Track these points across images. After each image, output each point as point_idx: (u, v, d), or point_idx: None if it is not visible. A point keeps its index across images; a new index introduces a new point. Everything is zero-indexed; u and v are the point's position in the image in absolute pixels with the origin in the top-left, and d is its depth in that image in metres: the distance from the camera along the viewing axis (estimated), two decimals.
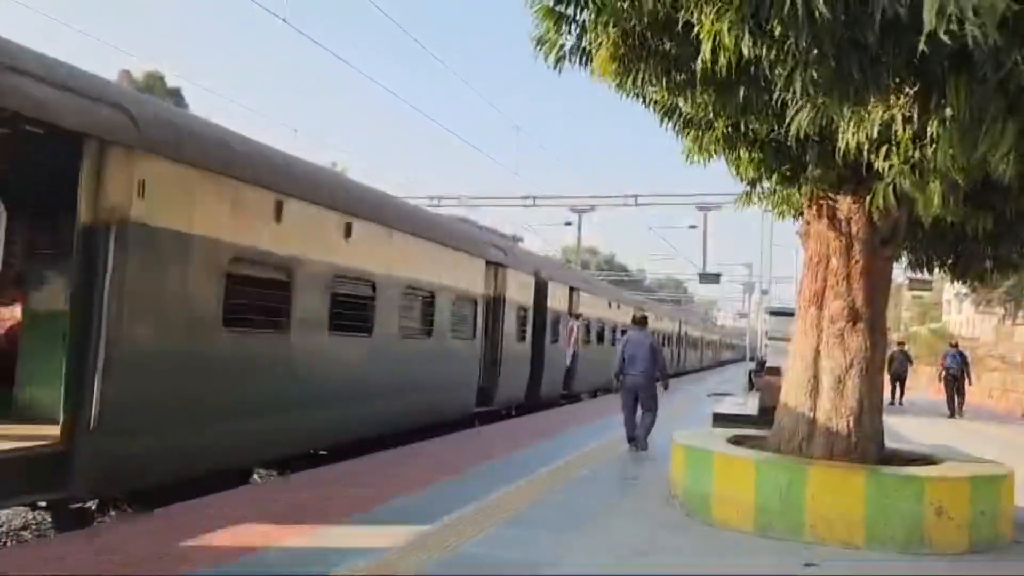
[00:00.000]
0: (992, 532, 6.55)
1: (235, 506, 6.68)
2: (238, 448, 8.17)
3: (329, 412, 9.61)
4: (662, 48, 5.63)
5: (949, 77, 4.60)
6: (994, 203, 6.50)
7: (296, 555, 5.30)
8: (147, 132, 6.82)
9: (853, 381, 7.10)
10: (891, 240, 7.37)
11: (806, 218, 7.71)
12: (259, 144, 9.07)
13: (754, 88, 5.65)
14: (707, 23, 4.67)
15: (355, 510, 6.60)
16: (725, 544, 6.28)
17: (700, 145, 7.10)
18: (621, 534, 6.40)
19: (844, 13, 4.24)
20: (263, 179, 8.49)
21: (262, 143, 9.18)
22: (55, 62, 6.43)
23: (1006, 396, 25.10)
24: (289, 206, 8.73)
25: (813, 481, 6.50)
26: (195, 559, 5.04)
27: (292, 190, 8.90)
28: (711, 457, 7.11)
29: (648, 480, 8.74)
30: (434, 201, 29.58)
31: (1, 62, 5.72)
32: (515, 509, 6.97)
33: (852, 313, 7.16)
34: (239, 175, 8.07)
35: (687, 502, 7.21)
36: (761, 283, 37.39)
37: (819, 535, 6.34)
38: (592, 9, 5.41)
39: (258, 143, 9.07)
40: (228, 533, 5.72)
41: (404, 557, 5.32)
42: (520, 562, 5.43)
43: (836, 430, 7.06)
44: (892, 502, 6.29)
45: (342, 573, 4.95)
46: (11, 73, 5.76)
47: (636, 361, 11.00)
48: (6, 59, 5.79)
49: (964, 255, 8.34)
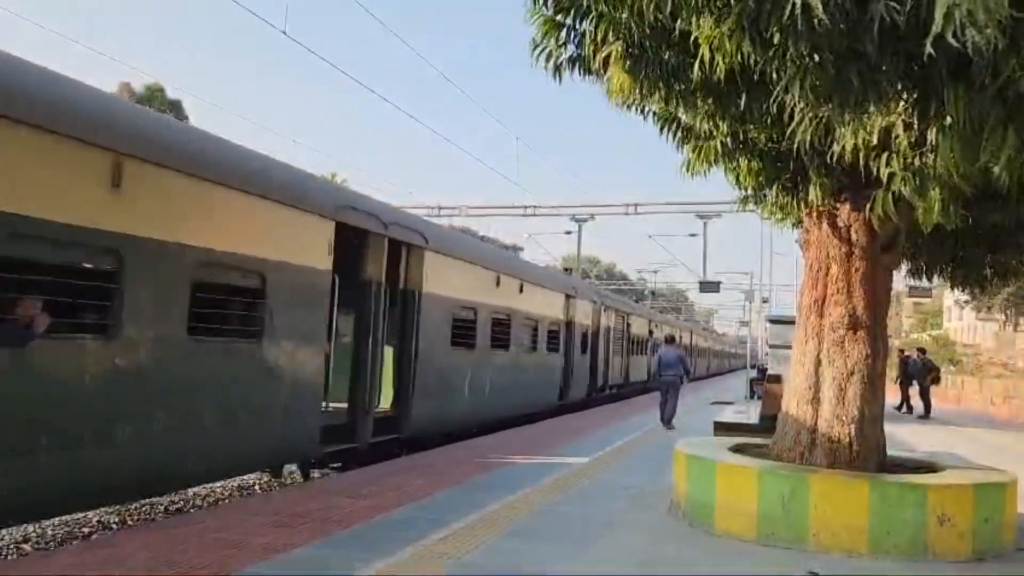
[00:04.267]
0: (995, 540, 6.53)
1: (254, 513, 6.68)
2: (467, 416, 14.32)
3: (496, 397, 15.65)
4: (661, 57, 5.65)
5: (948, 85, 4.62)
6: (994, 211, 6.52)
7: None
8: (431, 242, 12.53)
9: (854, 389, 7.09)
10: (891, 248, 7.37)
11: (806, 226, 7.71)
12: (486, 246, 17.45)
13: (753, 96, 5.67)
14: (706, 29, 4.69)
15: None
16: (729, 553, 6.26)
17: (700, 154, 7.10)
18: (625, 544, 6.40)
19: (843, 21, 4.25)
20: (486, 259, 15.53)
21: (487, 244, 18.16)
22: (393, 209, 12.76)
23: (1008, 403, 25.05)
24: (504, 280, 16.01)
25: (816, 489, 6.49)
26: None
27: (503, 268, 16.23)
28: (714, 466, 7.09)
29: (650, 490, 8.73)
30: (434, 211, 29.62)
31: (388, 219, 11.26)
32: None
33: (853, 321, 7.16)
34: (474, 259, 14.77)
35: (690, 511, 7.19)
36: (761, 291, 37.37)
37: (822, 544, 6.32)
38: (593, 18, 5.44)
39: (486, 245, 17.76)
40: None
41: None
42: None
43: (838, 438, 7.05)
44: (895, 510, 6.27)
45: (366, 573, 4.99)
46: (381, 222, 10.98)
47: (668, 367, 15.88)
48: (390, 217, 11.48)
49: (964, 262, 8.36)
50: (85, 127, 6.52)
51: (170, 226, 7.28)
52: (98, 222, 6.57)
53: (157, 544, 5.67)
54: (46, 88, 6.46)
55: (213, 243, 7.79)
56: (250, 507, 7.11)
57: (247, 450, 8.56)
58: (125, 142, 6.86)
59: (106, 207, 6.66)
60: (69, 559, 5.35)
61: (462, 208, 30.15)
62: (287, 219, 8.93)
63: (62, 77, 6.81)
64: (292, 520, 6.58)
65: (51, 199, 6.19)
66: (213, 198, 7.87)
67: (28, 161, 6.03)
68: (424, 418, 12.23)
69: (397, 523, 6.64)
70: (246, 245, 8.25)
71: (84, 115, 6.63)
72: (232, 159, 8.52)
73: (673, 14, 4.94)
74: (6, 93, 5.94)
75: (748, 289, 30.64)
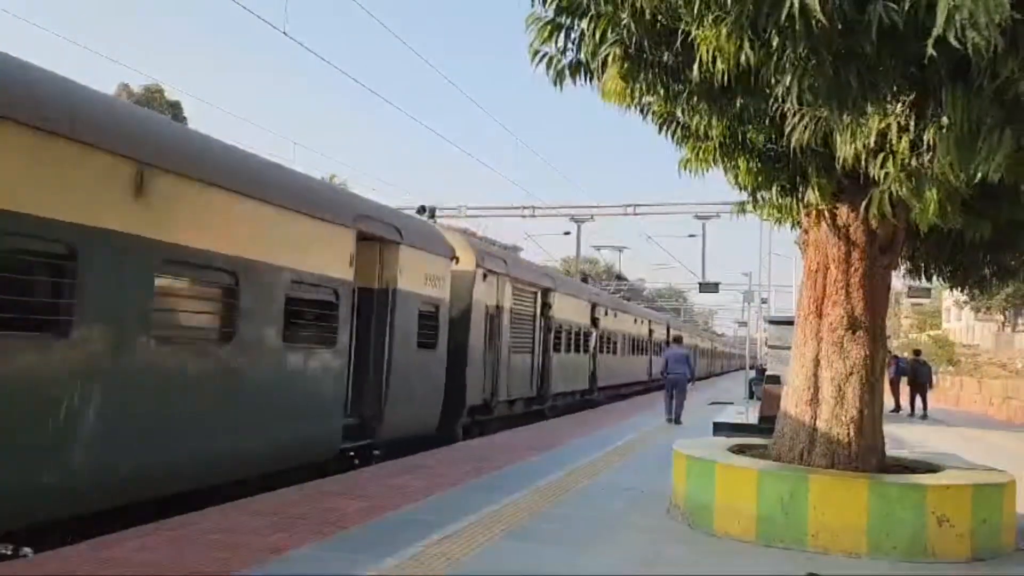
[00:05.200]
0: (994, 540, 6.53)
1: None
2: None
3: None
4: (660, 58, 5.65)
5: (947, 86, 4.62)
6: (992, 211, 6.52)
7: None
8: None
9: (853, 389, 7.09)
10: (890, 248, 7.37)
11: (805, 227, 7.72)
12: (531, 265, 19.72)
13: (751, 97, 5.67)
14: (705, 31, 4.70)
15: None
16: (728, 554, 6.26)
17: (698, 154, 7.11)
18: (624, 545, 6.40)
19: (841, 22, 4.26)
20: (527, 278, 17.67)
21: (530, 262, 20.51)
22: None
23: (1007, 404, 25.04)
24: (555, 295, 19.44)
25: (815, 490, 6.49)
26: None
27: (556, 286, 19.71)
28: (713, 467, 7.09)
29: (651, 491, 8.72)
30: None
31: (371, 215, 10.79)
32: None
33: (852, 321, 7.16)
34: (517, 277, 16.63)
35: (689, 512, 7.19)
36: (760, 292, 37.40)
37: (822, 544, 6.32)
38: (592, 17, 5.43)
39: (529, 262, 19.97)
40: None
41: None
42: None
43: (837, 439, 7.05)
44: (894, 511, 6.28)
45: (373, 574, 5.01)
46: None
47: (676, 365, 16.68)
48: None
49: (963, 263, 8.35)
50: (233, 179, 7.96)
51: (272, 251, 8.47)
52: (223, 249, 7.71)
53: (156, 545, 5.67)
54: (200, 144, 8.05)
55: (303, 265, 9.00)
56: (249, 508, 7.09)
57: (306, 439, 9.18)
58: (252, 187, 8.24)
59: (226, 237, 7.78)
60: (67, 560, 5.34)
61: (461, 208, 30.12)
62: (341, 241, 9.88)
63: (202, 135, 8.47)
64: (291, 521, 6.57)
65: (228, 236, 7.76)
66: (302, 229, 9.03)
67: (210, 208, 7.56)
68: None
69: (396, 524, 6.64)
70: (323, 267, 9.45)
71: (233, 170, 8.17)
72: (315, 198, 9.69)
73: (673, 15, 4.95)
74: (184, 160, 7.33)
75: (747, 290, 30.58)
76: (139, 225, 6.72)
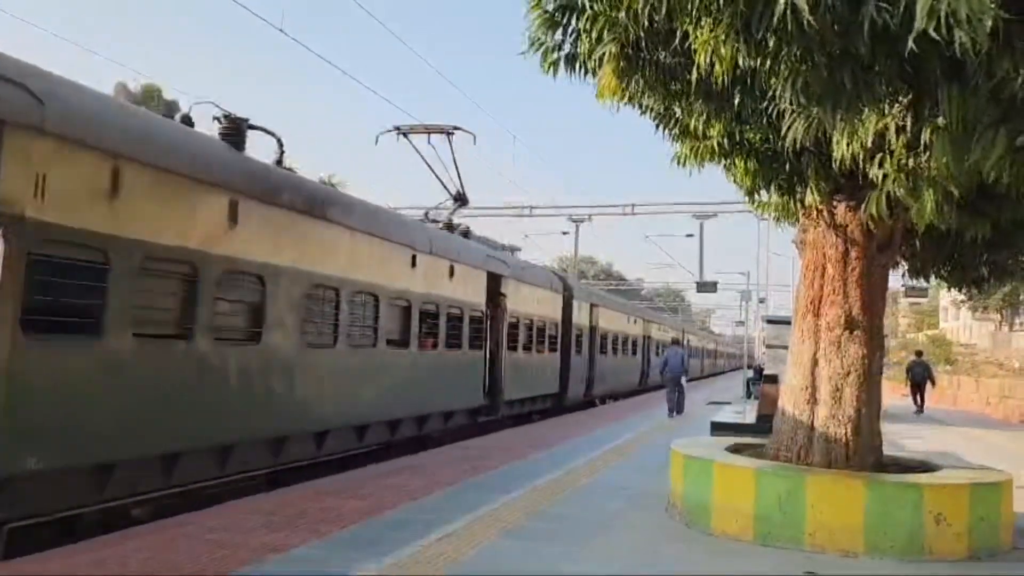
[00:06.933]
0: (992, 539, 6.54)
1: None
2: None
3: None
4: (658, 58, 5.66)
5: (942, 85, 4.63)
6: (989, 211, 6.53)
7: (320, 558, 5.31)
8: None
9: (851, 388, 7.10)
10: (888, 248, 7.39)
11: (803, 226, 7.73)
12: (628, 305, 30.42)
13: (749, 98, 5.68)
14: (702, 34, 4.70)
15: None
16: (726, 553, 6.27)
17: (696, 153, 7.11)
18: (622, 545, 6.40)
19: (835, 23, 4.26)
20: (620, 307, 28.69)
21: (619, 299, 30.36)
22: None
23: (1004, 403, 25.06)
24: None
25: (812, 489, 6.50)
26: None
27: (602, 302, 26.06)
28: (711, 466, 7.10)
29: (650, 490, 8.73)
30: (432, 211, 29.46)
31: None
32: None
33: (849, 321, 7.17)
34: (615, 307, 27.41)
35: (687, 512, 7.20)
36: (758, 291, 37.42)
37: (819, 543, 6.33)
38: (588, 18, 5.44)
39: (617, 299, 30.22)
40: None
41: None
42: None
43: (835, 438, 7.06)
44: (891, 509, 6.29)
45: (371, 573, 5.02)
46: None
47: (674, 364, 18.50)
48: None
49: (960, 262, 8.36)
50: (441, 248, 13.60)
51: (454, 291, 14.14)
52: (406, 288, 12.27)
53: (153, 545, 5.68)
54: (300, 187, 9.95)
55: (454, 295, 14.09)
56: (246, 507, 7.10)
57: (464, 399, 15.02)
58: (452, 255, 14.19)
59: (409, 279, 12.39)
60: (66, 560, 5.35)
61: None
62: (479, 279, 15.46)
63: (296, 177, 10.41)
64: (289, 520, 6.58)
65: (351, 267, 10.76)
66: (466, 274, 14.65)
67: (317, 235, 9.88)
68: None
69: (394, 523, 6.65)
70: (469, 296, 14.93)
71: (445, 246, 13.94)
72: (470, 253, 15.38)
73: (669, 15, 4.96)
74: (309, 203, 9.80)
75: (744, 289, 30.60)
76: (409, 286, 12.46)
